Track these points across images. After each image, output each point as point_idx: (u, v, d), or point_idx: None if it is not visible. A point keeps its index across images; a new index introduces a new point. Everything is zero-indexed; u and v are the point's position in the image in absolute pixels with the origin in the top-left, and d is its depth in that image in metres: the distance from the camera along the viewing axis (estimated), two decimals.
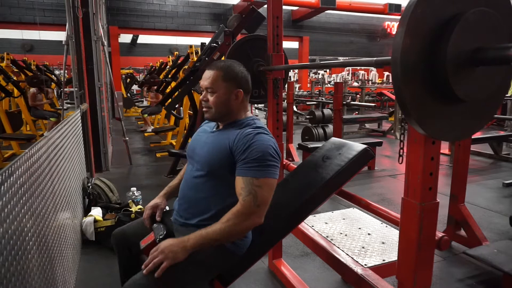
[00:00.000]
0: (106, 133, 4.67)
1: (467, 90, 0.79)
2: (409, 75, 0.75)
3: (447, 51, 0.74)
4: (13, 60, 6.45)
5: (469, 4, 0.78)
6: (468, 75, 0.79)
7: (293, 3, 11.45)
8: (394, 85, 0.76)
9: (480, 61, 0.77)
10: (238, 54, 1.89)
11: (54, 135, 1.74)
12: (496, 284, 2.07)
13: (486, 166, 4.87)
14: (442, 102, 0.81)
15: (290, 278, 1.99)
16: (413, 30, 0.73)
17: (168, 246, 1.15)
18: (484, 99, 0.86)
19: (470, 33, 0.76)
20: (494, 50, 0.75)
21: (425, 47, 0.76)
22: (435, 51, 0.76)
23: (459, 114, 0.85)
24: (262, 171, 1.18)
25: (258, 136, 1.23)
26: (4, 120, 5.26)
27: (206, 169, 1.30)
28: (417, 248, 1.14)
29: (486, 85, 0.83)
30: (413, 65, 0.75)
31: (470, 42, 0.77)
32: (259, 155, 1.19)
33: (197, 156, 1.35)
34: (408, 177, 1.18)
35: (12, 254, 0.95)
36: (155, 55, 14.00)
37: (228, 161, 1.25)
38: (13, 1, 9.83)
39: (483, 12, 0.77)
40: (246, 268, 1.38)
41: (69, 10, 3.63)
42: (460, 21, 0.75)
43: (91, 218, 2.54)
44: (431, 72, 0.77)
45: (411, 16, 0.72)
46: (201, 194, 1.31)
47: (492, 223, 2.91)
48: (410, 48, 0.74)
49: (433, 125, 0.82)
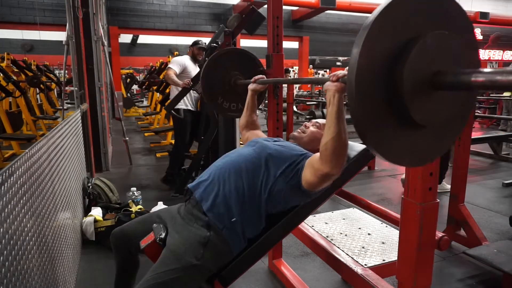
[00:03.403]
0: (106, 133, 4.67)
1: (425, 114, 0.75)
2: (364, 98, 0.72)
3: (404, 74, 0.71)
4: (14, 60, 6.44)
5: (429, 27, 0.74)
6: (426, 99, 0.75)
7: (293, 3, 11.45)
8: (350, 107, 0.73)
9: (438, 85, 0.74)
10: (215, 67, 1.90)
11: (54, 135, 1.75)
12: (496, 284, 2.07)
13: (486, 166, 4.87)
14: (399, 126, 0.77)
15: (290, 278, 1.99)
16: (369, 51, 0.70)
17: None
18: (444, 124, 0.82)
19: (429, 56, 0.73)
20: (453, 75, 0.71)
21: (382, 70, 0.72)
22: (392, 74, 0.72)
23: (417, 138, 0.81)
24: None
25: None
26: (4, 120, 5.26)
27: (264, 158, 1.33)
28: (417, 248, 1.14)
29: (445, 110, 0.79)
30: (369, 88, 0.72)
31: (428, 65, 0.73)
32: None
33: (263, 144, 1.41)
34: (408, 177, 1.18)
35: (12, 254, 0.95)
36: (155, 55, 13.99)
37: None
38: (13, 1, 9.82)
39: (443, 35, 0.74)
40: (246, 268, 1.38)
41: (69, 10, 3.63)
42: (418, 43, 0.71)
43: (91, 218, 2.54)
44: (388, 95, 0.74)
45: (367, 37, 0.69)
46: (236, 183, 1.30)
47: (492, 223, 2.91)
48: (366, 70, 0.71)
49: (390, 149, 0.79)
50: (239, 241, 1.30)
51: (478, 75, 0.66)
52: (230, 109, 1.96)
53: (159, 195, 3.58)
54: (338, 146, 1.05)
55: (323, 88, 1.07)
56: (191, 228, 1.27)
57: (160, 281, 1.16)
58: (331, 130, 1.04)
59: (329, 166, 1.09)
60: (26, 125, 6.54)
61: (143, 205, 2.91)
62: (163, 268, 1.18)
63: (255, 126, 1.72)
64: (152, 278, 1.17)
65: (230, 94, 1.93)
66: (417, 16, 0.74)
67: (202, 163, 3.70)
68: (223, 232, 1.26)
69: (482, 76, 0.66)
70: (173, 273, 1.17)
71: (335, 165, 1.09)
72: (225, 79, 1.91)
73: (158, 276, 1.17)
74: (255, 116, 1.73)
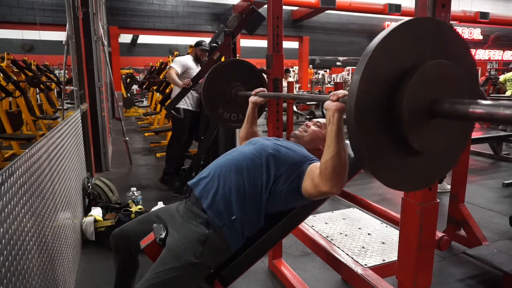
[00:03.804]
0: (106, 133, 4.67)
1: (423, 141, 0.76)
2: (364, 124, 0.73)
3: (403, 102, 0.72)
4: (14, 60, 6.44)
5: (428, 55, 0.75)
6: (424, 126, 0.76)
7: (293, 3, 11.45)
8: (348, 132, 0.75)
9: (436, 113, 0.74)
10: (216, 79, 1.90)
11: (54, 135, 1.75)
12: (496, 284, 2.07)
13: (486, 166, 4.87)
14: (397, 151, 0.78)
15: (290, 278, 1.99)
16: (369, 79, 0.71)
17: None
18: (442, 151, 0.83)
19: (428, 84, 0.74)
20: (450, 104, 0.72)
21: (381, 97, 0.74)
22: (391, 101, 0.74)
23: (415, 165, 0.82)
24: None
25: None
26: (4, 120, 5.26)
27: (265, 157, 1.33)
28: (417, 248, 1.14)
29: (443, 138, 0.80)
30: (368, 114, 0.73)
31: (427, 93, 0.74)
32: None
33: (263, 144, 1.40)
34: None
35: (12, 254, 0.95)
36: (155, 55, 13.99)
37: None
38: (13, 1, 9.83)
39: (441, 64, 0.75)
40: (246, 268, 1.38)
41: (69, 10, 3.63)
42: (417, 72, 0.72)
43: (91, 218, 2.54)
44: (387, 121, 0.75)
45: (367, 64, 0.70)
46: (236, 180, 1.29)
47: (492, 223, 2.91)
48: (366, 97, 0.72)
49: (389, 174, 0.80)
50: (237, 239, 1.30)
51: (475, 107, 0.67)
52: (230, 119, 1.98)
53: (159, 195, 3.58)
54: (338, 165, 1.05)
55: (323, 106, 1.07)
56: (190, 226, 1.27)
57: (160, 280, 1.16)
58: (331, 149, 1.04)
59: (328, 185, 1.09)
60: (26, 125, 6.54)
61: (143, 205, 2.91)
62: (162, 267, 1.19)
63: (255, 136, 1.72)
64: (152, 278, 1.17)
65: (231, 105, 1.95)
66: (417, 44, 0.75)
67: (202, 163, 3.70)
68: (222, 230, 1.26)
69: (480, 108, 0.66)
70: (173, 272, 1.17)
71: (334, 184, 1.08)
72: (226, 90, 1.92)
73: (157, 276, 1.17)
74: (255, 127, 1.73)
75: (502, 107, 0.61)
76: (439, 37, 0.78)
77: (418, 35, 0.75)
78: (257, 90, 1.66)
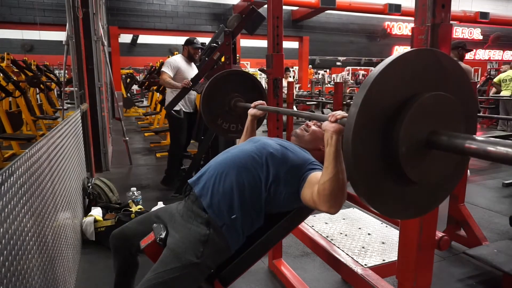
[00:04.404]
0: (106, 133, 4.67)
1: (420, 173, 0.77)
2: (361, 155, 0.74)
3: (400, 134, 0.73)
4: (13, 60, 6.44)
5: (426, 87, 0.77)
6: (421, 157, 0.77)
7: (293, 3, 11.45)
8: (345, 163, 0.76)
9: (433, 145, 0.76)
10: (216, 89, 1.90)
11: (54, 135, 1.75)
12: (496, 284, 2.07)
13: (486, 166, 4.87)
14: (394, 181, 0.79)
15: (290, 278, 1.99)
16: (367, 111, 0.73)
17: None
18: (438, 181, 0.84)
19: (425, 116, 0.75)
20: (447, 137, 0.73)
21: (379, 128, 0.75)
22: (389, 132, 0.75)
23: (411, 194, 0.83)
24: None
25: None
26: (4, 120, 5.25)
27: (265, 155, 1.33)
28: (417, 248, 1.14)
29: (440, 169, 0.81)
30: (365, 145, 0.74)
31: (425, 126, 0.76)
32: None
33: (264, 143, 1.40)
34: None
35: (12, 254, 0.95)
36: (155, 55, 13.98)
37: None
38: (13, 1, 9.83)
39: (439, 96, 0.76)
40: (246, 268, 1.38)
41: (69, 10, 3.63)
42: (415, 104, 0.74)
43: (91, 218, 2.54)
44: (384, 152, 0.76)
45: (365, 97, 0.71)
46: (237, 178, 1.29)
47: (492, 223, 2.91)
48: (364, 128, 0.73)
49: (385, 204, 0.81)
50: (237, 238, 1.30)
51: (472, 142, 0.68)
52: (229, 130, 1.99)
53: (159, 195, 3.58)
54: (336, 187, 1.05)
55: (322, 127, 1.08)
56: (191, 226, 1.27)
57: (161, 280, 1.16)
58: (329, 170, 1.05)
59: (326, 206, 1.09)
60: (26, 125, 6.54)
61: (143, 205, 2.91)
62: (163, 267, 1.19)
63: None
64: (153, 278, 1.17)
65: (230, 115, 1.96)
66: (416, 76, 0.76)
67: (202, 163, 3.70)
68: (222, 229, 1.25)
69: (476, 144, 0.67)
70: (174, 272, 1.17)
71: (332, 206, 1.08)
72: (225, 100, 1.93)
73: (158, 276, 1.17)
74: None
75: (498, 145, 0.63)
76: (438, 69, 0.79)
77: (417, 67, 0.76)
78: (256, 103, 1.65)
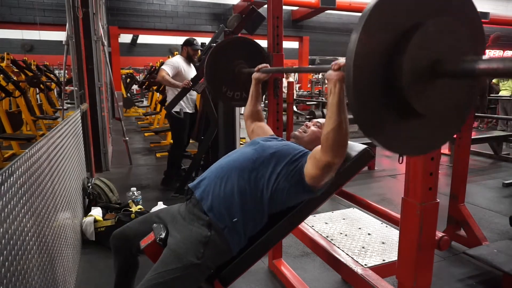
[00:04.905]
0: (106, 133, 4.67)
1: (426, 103, 0.74)
2: (363, 86, 0.70)
3: (404, 62, 0.69)
4: (13, 60, 6.43)
5: (430, 14, 0.72)
6: (426, 88, 0.73)
7: (293, 3, 11.44)
8: (347, 95, 0.72)
9: (438, 74, 0.72)
10: (219, 57, 1.88)
11: (54, 135, 1.75)
12: (496, 284, 2.07)
13: (486, 166, 4.87)
14: (400, 115, 0.76)
15: (290, 278, 1.99)
16: (368, 38, 0.68)
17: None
18: (447, 112, 0.81)
19: (429, 44, 0.71)
20: (453, 63, 0.70)
21: (381, 57, 0.71)
22: (392, 61, 0.71)
23: (418, 128, 0.80)
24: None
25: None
26: (4, 120, 5.25)
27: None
28: (417, 248, 1.14)
29: (447, 99, 0.78)
30: (367, 75, 0.70)
31: (429, 54, 0.71)
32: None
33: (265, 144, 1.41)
34: (408, 177, 1.18)
35: (12, 254, 0.95)
36: (155, 55, 13.97)
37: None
38: (13, 1, 9.82)
39: (444, 22, 0.72)
40: (246, 268, 1.38)
41: (69, 10, 3.63)
42: (419, 31, 0.70)
43: (91, 218, 2.54)
44: (387, 83, 0.72)
45: (366, 23, 0.67)
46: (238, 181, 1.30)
47: (492, 223, 2.91)
48: (365, 58, 0.69)
49: (391, 138, 0.78)
50: (239, 240, 1.30)
51: (480, 63, 0.64)
52: (234, 98, 1.96)
53: (159, 195, 3.58)
54: (339, 136, 1.05)
55: (325, 76, 1.06)
56: (192, 227, 1.27)
57: (162, 280, 1.16)
58: (332, 120, 1.04)
59: (330, 155, 1.09)
60: (26, 125, 6.54)
61: (143, 205, 2.92)
62: (164, 267, 1.19)
63: (259, 117, 1.72)
64: (154, 278, 1.17)
65: (234, 83, 1.93)
66: (420, 2, 0.72)
67: (202, 163, 3.70)
68: (224, 232, 1.26)
69: (483, 64, 0.63)
70: (174, 272, 1.18)
71: (336, 155, 1.09)
72: (229, 68, 1.90)
73: (159, 276, 1.17)
74: (259, 106, 1.73)
75: (507, 61, 0.59)
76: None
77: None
78: (259, 66, 1.66)
